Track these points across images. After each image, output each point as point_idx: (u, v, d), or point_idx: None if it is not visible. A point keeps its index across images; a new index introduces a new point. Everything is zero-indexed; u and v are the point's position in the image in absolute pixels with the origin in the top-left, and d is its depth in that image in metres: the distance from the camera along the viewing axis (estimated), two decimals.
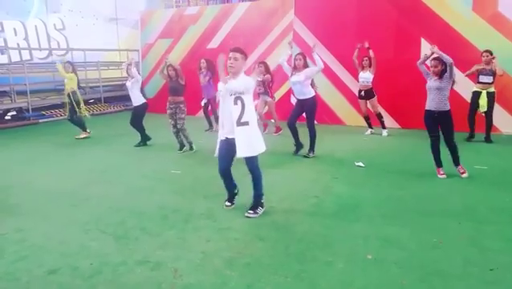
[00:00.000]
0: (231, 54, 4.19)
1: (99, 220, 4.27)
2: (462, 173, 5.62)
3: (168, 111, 7.25)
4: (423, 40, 9.13)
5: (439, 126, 5.59)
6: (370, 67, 8.39)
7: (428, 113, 5.57)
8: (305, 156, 6.79)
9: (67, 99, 8.89)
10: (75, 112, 8.84)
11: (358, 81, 8.68)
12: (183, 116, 7.23)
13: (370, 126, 8.89)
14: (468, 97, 8.05)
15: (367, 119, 8.84)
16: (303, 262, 3.35)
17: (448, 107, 5.47)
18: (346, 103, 10.15)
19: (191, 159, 6.96)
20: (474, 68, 7.77)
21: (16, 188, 5.41)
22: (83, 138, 8.79)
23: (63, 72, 8.67)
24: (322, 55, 10.07)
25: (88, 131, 8.98)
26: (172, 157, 7.08)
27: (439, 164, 5.70)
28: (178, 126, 7.23)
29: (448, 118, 5.49)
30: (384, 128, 8.67)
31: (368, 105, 8.69)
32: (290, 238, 3.80)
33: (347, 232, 3.94)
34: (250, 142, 4.19)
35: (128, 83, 7.95)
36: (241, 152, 4.15)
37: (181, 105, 7.22)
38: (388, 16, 9.47)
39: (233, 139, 4.17)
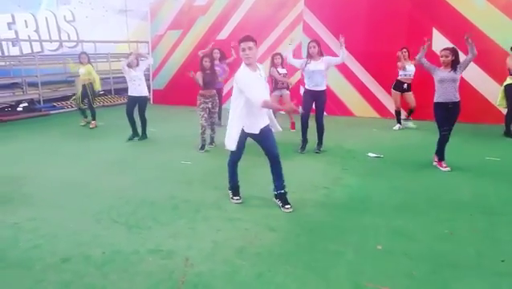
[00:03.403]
0: (244, 45, 4.01)
1: (111, 210, 4.31)
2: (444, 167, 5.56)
3: (204, 106, 6.77)
4: (435, 30, 9.02)
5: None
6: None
7: (442, 105, 5.45)
8: (316, 152, 6.60)
9: (81, 89, 8.97)
10: (89, 103, 8.97)
11: (400, 75, 8.16)
12: (217, 109, 7.03)
13: (399, 121, 8.46)
14: (479, 87, 7.87)
15: (399, 113, 8.44)
16: (313, 252, 3.36)
17: (459, 98, 5.41)
18: (356, 94, 10.08)
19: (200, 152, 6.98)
20: None
21: (28, 178, 5.48)
22: (92, 128, 8.94)
23: (75, 67, 8.77)
24: (332, 46, 10.07)
25: (93, 121, 9.12)
26: (182, 149, 7.10)
27: (443, 157, 5.61)
28: (212, 120, 6.95)
29: (459, 109, 5.43)
30: (409, 119, 8.46)
31: (409, 99, 8.27)
32: (301, 229, 3.82)
33: (357, 223, 3.93)
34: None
35: (139, 73, 7.64)
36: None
37: (216, 97, 6.95)
38: (400, 6, 9.35)
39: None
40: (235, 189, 4.57)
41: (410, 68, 8.08)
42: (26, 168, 5.99)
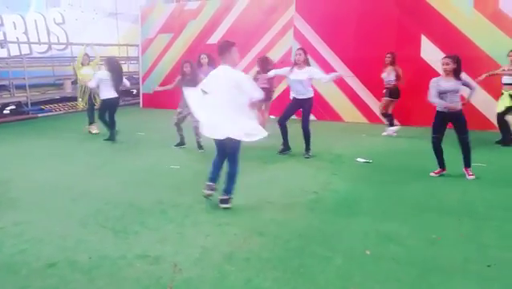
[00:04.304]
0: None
1: (98, 214, 4.27)
2: (470, 176, 5.43)
3: (179, 111, 6.96)
4: (423, 37, 9.13)
5: (447, 126, 5.38)
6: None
7: (441, 115, 5.32)
8: (306, 158, 6.59)
9: (82, 90, 8.87)
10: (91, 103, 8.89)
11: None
12: None
13: (392, 124, 8.46)
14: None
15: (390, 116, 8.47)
16: (302, 258, 3.35)
17: (461, 106, 5.26)
18: (346, 100, 10.15)
19: (190, 154, 6.96)
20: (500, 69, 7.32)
21: (15, 182, 5.40)
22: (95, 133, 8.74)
23: (79, 68, 8.72)
24: (322, 52, 10.15)
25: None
26: (171, 153, 7.08)
27: (443, 165, 5.54)
28: (194, 124, 6.69)
29: (461, 116, 5.29)
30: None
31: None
32: (289, 234, 3.81)
33: (346, 228, 3.94)
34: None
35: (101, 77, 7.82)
36: None
37: None
38: (389, 13, 9.46)
39: None
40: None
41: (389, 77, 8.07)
42: (12, 171, 5.90)
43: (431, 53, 8.85)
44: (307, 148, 6.69)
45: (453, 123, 5.36)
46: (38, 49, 15.78)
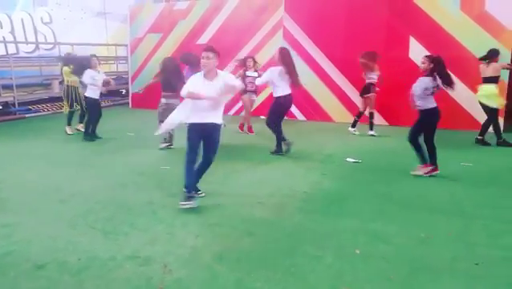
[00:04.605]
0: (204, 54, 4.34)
1: (88, 215, 4.23)
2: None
3: (161, 103, 7.18)
4: (412, 38, 9.23)
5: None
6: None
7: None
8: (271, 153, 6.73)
9: (71, 92, 8.72)
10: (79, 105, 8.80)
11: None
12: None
13: (372, 125, 8.59)
14: (453, 93, 7.95)
15: (371, 115, 8.59)
16: (292, 257, 3.37)
17: (427, 106, 5.47)
18: (335, 100, 10.20)
19: (180, 155, 6.90)
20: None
21: (3, 183, 5.32)
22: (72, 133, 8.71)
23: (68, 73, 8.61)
24: (312, 52, 10.19)
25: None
26: (161, 153, 7.05)
27: (425, 161, 5.69)
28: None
29: (427, 116, 5.50)
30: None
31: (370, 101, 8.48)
32: (280, 233, 3.82)
33: (336, 227, 3.97)
34: None
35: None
36: None
37: (178, 100, 7.12)
38: (378, 13, 9.53)
39: None
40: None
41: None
42: (0, 172, 5.83)
43: (419, 54, 8.89)
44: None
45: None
46: (26, 48, 15.59)
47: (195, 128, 4.43)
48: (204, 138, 4.47)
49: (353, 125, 8.68)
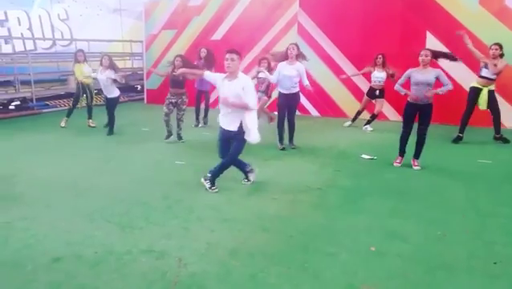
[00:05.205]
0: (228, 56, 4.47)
1: (104, 209, 4.28)
2: (415, 166, 5.74)
3: (168, 101, 7.37)
4: (428, 33, 9.08)
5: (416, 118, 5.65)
6: (384, 66, 8.23)
7: (412, 106, 5.62)
8: (293, 148, 6.82)
9: (83, 89, 8.93)
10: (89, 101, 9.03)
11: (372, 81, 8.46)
12: (184, 107, 7.38)
13: (354, 120, 8.95)
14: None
15: (359, 113, 8.86)
16: (306, 253, 3.36)
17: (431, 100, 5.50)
18: (350, 96, 10.11)
19: (195, 150, 6.97)
20: (483, 59, 7.19)
21: (20, 177, 5.42)
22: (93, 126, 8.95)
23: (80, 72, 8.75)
24: (326, 48, 10.11)
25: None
26: (176, 148, 7.09)
27: (403, 153, 5.90)
28: (178, 116, 7.40)
29: (430, 109, 5.56)
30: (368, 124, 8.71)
31: (378, 105, 8.53)
32: (294, 230, 3.81)
33: (351, 224, 3.94)
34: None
35: (103, 77, 8.08)
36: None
37: (184, 96, 7.35)
38: (394, 8, 9.41)
39: None
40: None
41: (379, 75, 8.28)
42: (18, 167, 5.93)
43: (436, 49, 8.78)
44: (292, 140, 6.91)
45: (420, 114, 5.60)
46: (43, 45, 15.79)
47: (221, 131, 4.80)
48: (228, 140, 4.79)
49: (368, 122, 8.67)
